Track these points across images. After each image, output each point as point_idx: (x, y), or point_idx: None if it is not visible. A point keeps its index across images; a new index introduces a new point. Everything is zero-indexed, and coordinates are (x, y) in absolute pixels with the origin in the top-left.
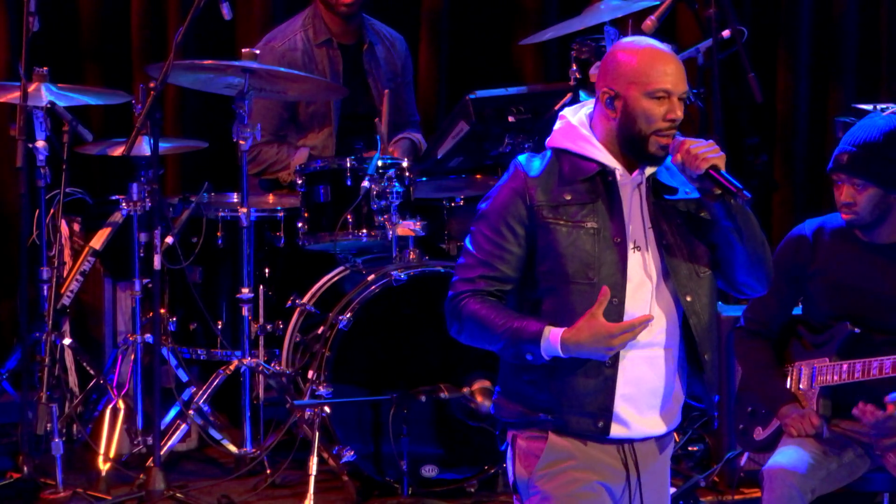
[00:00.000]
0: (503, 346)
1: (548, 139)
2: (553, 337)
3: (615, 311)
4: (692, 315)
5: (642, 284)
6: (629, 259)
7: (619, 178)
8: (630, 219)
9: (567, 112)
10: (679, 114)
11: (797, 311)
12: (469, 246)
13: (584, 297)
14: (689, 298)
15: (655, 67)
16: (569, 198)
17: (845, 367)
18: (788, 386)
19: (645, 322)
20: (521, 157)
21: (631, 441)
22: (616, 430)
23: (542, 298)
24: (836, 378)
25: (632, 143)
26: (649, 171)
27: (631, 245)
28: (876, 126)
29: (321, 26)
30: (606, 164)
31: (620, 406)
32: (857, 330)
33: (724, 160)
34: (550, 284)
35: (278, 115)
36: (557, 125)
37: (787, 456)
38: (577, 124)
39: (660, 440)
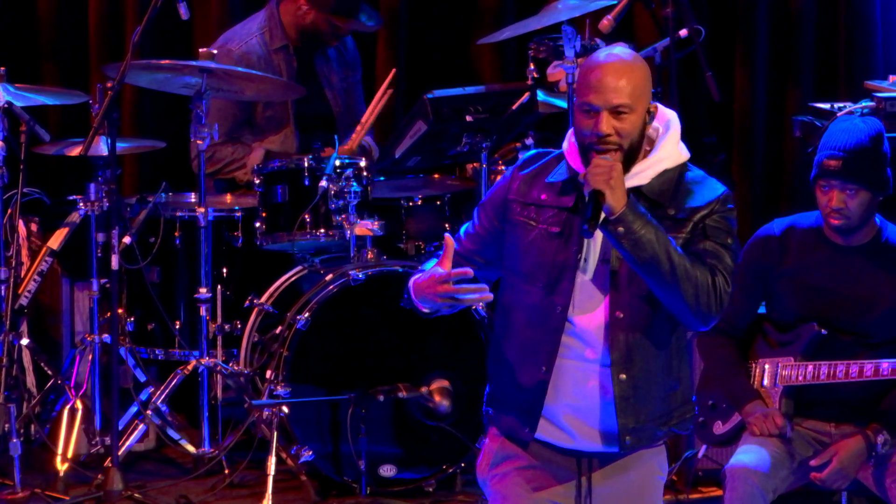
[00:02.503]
0: (405, 295)
1: None
2: (412, 283)
3: (558, 318)
4: (618, 332)
5: (592, 297)
6: (582, 270)
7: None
8: (596, 231)
9: None
10: (604, 128)
11: (761, 309)
12: (463, 226)
13: (534, 297)
14: (619, 315)
15: (584, 81)
16: (544, 198)
17: (810, 367)
18: (751, 383)
19: (465, 274)
20: (530, 152)
21: (589, 455)
22: (558, 438)
23: (504, 294)
24: (800, 378)
25: (584, 156)
26: (632, 182)
27: (591, 257)
28: (861, 130)
29: (279, 33)
30: (579, 171)
31: (562, 415)
32: (824, 331)
33: (610, 187)
34: (510, 281)
35: (233, 116)
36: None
37: (750, 455)
38: (572, 130)
39: (631, 457)
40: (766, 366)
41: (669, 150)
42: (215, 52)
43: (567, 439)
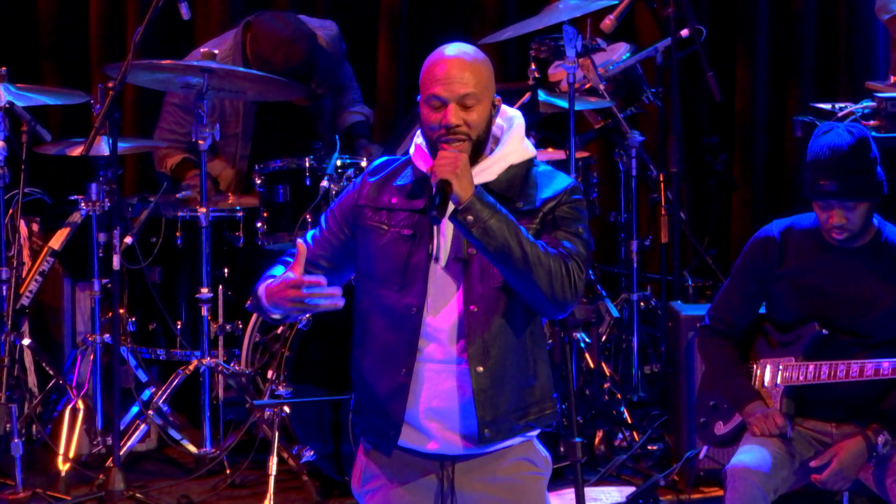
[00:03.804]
0: (253, 305)
1: None
2: (262, 289)
3: (413, 319)
4: (472, 325)
5: (446, 296)
6: (434, 270)
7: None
8: (448, 230)
9: None
10: (452, 119)
11: (762, 310)
12: (309, 232)
13: (389, 301)
14: (472, 308)
15: (428, 75)
16: (394, 201)
17: (811, 367)
18: (752, 383)
19: (318, 283)
20: (379, 160)
21: (452, 458)
22: (419, 443)
23: (360, 300)
24: (801, 378)
25: (432, 151)
26: (479, 179)
27: (443, 256)
28: (847, 142)
29: (242, 57)
30: (425, 171)
31: (423, 417)
32: (825, 331)
33: (457, 177)
34: (365, 287)
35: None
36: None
37: (751, 455)
38: (420, 132)
39: (496, 454)
40: (767, 366)
41: (514, 145)
42: (216, 51)
43: (429, 443)
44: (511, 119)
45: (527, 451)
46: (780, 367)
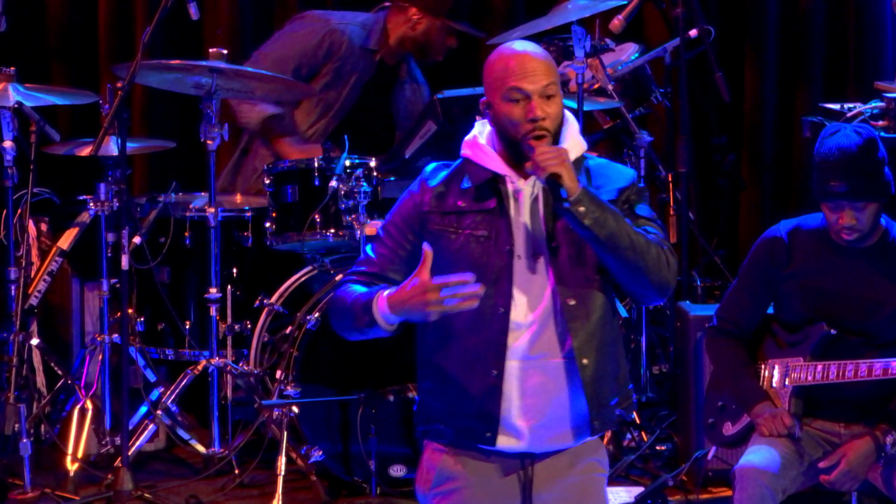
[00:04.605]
0: (351, 321)
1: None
2: (381, 299)
3: (501, 319)
4: (573, 320)
5: (533, 293)
6: (517, 267)
7: (510, 185)
8: (524, 226)
9: (480, 121)
10: (539, 112)
11: (770, 310)
12: (368, 247)
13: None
14: (571, 303)
15: (507, 69)
16: (462, 205)
17: (820, 367)
18: (760, 383)
19: (464, 281)
20: (431, 165)
21: (532, 456)
22: (508, 442)
23: None
24: (809, 378)
25: (512, 150)
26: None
27: (524, 253)
28: (856, 143)
29: (377, 38)
30: (498, 171)
31: (514, 416)
32: (833, 331)
33: (566, 169)
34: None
35: (292, 70)
36: (469, 135)
37: (759, 455)
38: (478, 133)
39: (572, 453)
40: (776, 366)
41: (574, 140)
42: (226, 51)
43: (516, 442)
44: (565, 115)
45: (597, 450)
46: (789, 367)
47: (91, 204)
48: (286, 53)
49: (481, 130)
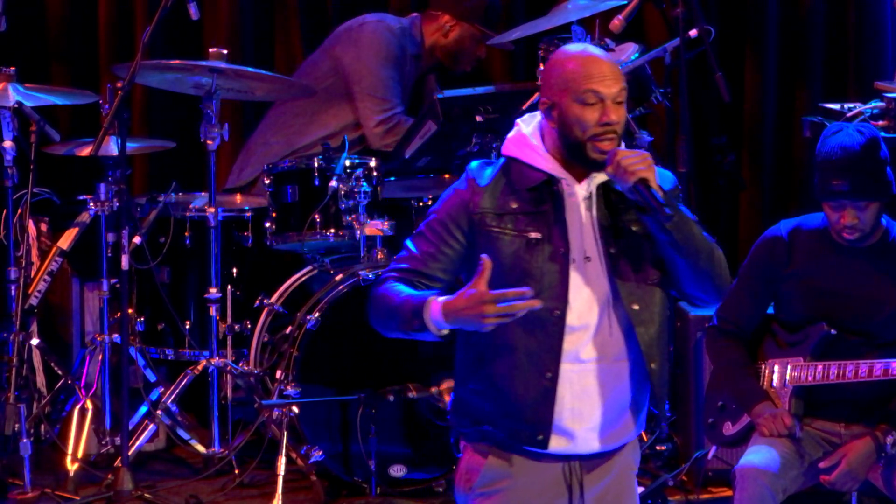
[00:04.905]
0: (398, 322)
1: (502, 146)
2: (435, 306)
3: (556, 323)
4: (639, 324)
5: (588, 296)
6: (573, 270)
7: (565, 187)
8: (578, 229)
9: (522, 120)
10: (613, 117)
11: (769, 310)
12: (409, 243)
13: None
14: (635, 307)
15: (583, 72)
16: (515, 206)
17: (820, 368)
18: (761, 383)
19: (522, 294)
20: (474, 164)
21: (578, 457)
22: (559, 444)
23: None
24: (810, 378)
25: (573, 151)
26: (600, 178)
27: (578, 256)
28: (858, 142)
29: (416, 41)
30: (553, 173)
31: (566, 419)
32: (833, 332)
33: (654, 173)
34: None
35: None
36: (511, 133)
37: (760, 455)
38: (528, 133)
39: (614, 454)
40: (776, 366)
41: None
42: (225, 52)
43: (566, 444)
44: None
45: (634, 450)
46: (789, 367)
47: (91, 204)
48: (389, 75)
49: (531, 131)
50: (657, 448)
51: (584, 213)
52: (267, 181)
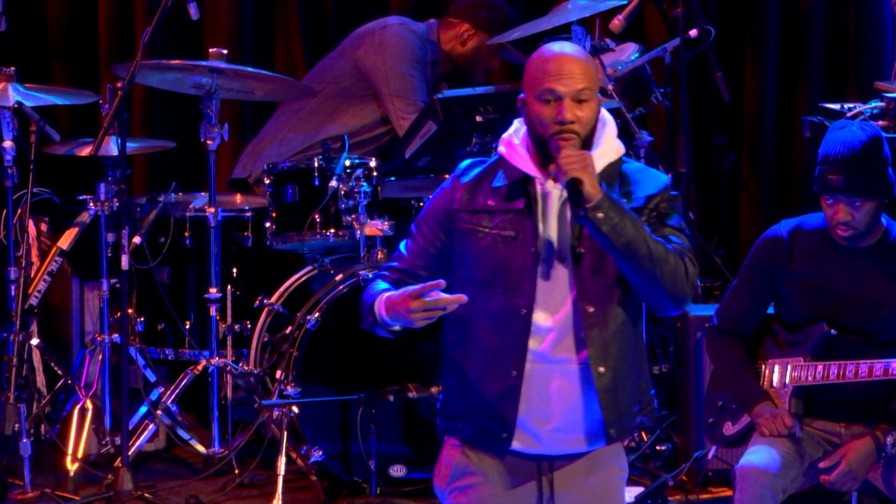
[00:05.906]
0: (368, 322)
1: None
2: (381, 302)
3: (522, 320)
4: (591, 327)
5: (557, 296)
6: (541, 269)
7: (540, 187)
8: (552, 228)
9: (519, 119)
10: (568, 115)
11: (770, 310)
12: (401, 243)
13: (494, 303)
14: (590, 309)
15: (542, 69)
16: (491, 203)
17: (820, 368)
18: (761, 383)
19: (437, 285)
20: (465, 161)
21: (550, 458)
22: (524, 444)
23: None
24: (810, 378)
25: (541, 149)
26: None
27: (550, 255)
28: (859, 139)
29: (438, 51)
30: (528, 172)
31: (531, 419)
32: (833, 332)
33: (588, 174)
34: (465, 291)
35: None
36: (506, 132)
37: (760, 455)
38: (514, 131)
39: (591, 457)
40: (776, 366)
41: (610, 144)
42: (226, 51)
43: (532, 444)
44: (603, 118)
45: (617, 455)
46: (789, 367)
47: (91, 204)
48: (415, 75)
49: (517, 129)
50: (657, 448)
51: (557, 214)
52: (267, 181)
